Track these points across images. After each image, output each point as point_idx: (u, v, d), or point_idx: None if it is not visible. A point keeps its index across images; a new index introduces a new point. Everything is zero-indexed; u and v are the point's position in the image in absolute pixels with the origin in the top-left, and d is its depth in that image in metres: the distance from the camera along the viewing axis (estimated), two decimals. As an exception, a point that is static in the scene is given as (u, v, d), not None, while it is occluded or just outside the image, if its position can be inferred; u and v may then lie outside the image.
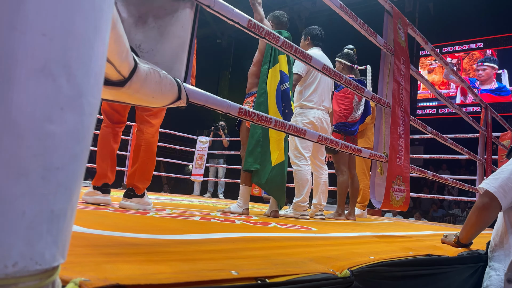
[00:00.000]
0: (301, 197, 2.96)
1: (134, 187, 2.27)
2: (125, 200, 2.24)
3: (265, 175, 2.61)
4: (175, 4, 1.17)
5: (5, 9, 0.35)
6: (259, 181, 2.63)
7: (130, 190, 2.27)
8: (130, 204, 2.22)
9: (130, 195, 2.25)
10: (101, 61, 0.45)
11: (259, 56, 2.82)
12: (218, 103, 1.23)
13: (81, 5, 0.40)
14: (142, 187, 2.29)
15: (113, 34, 0.72)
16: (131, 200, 2.23)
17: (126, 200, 2.24)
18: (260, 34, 1.37)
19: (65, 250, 0.41)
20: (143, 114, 2.33)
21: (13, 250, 0.35)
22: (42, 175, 0.37)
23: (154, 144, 2.36)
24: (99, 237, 1.01)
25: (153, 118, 2.35)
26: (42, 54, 0.37)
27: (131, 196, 2.25)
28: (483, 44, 10.50)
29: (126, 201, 2.23)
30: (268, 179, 2.60)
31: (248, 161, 2.64)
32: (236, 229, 1.57)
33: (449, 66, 3.17)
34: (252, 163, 2.62)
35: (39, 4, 0.37)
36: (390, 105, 2.11)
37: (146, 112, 2.32)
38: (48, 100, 0.38)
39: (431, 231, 2.80)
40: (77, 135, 0.41)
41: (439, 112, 10.63)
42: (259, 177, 2.62)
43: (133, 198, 2.25)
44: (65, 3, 0.39)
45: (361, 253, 1.15)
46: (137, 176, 2.28)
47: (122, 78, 0.89)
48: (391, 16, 2.21)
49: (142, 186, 2.29)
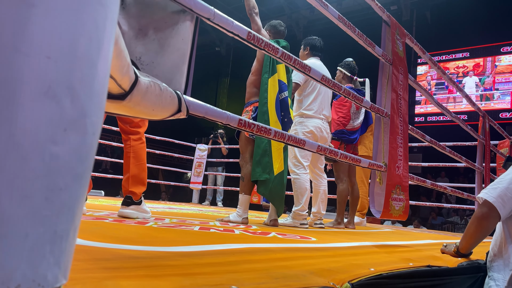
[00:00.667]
0: (300, 205, 2.96)
1: (131, 194, 2.31)
2: (123, 208, 2.27)
3: (269, 184, 2.62)
4: (176, 16, 1.18)
5: (10, 32, 0.36)
6: (265, 191, 2.64)
7: (128, 198, 2.30)
8: (129, 211, 2.25)
9: (128, 202, 2.29)
10: (104, 79, 0.46)
11: (257, 65, 2.83)
12: (218, 115, 1.23)
13: (85, 27, 0.41)
14: (138, 192, 2.32)
15: (115, 50, 0.72)
16: (129, 208, 2.27)
17: (125, 208, 2.27)
18: (259, 45, 1.38)
19: (67, 270, 0.41)
20: (126, 125, 2.39)
21: (16, 272, 0.35)
22: (45, 196, 0.38)
23: (142, 150, 2.41)
24: (99, 249, 1.01)
25: (137, 127, 2.41)
26: (47, 76, 0.37)
27: (129, 203, 2.29)
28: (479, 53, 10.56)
29: (125, 209, 2.27)
30: (271, 188, 2.62)
31: (256, 171, 2.64)
32: (236, 240, 1.56)
33: (447, 75, 3.18)
34: (261, 173, 2.63)
35: (44, 26, 0.37)
36: (389, 115, 2.12)
37: (128, 124, 2.38)
38: (52, 121, 0.38)
39: (430, 240, 2.79)
40: (80, 155, 0.41)
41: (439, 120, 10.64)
42: (266, 187, 2.63)
43: (132, 206, 2.28)
44: (69, 25, 0.39)
45: (361, 264, 1.15)
46: (130, 182, 2.33)
47: (123, 91, 0.89)
48: (389, 27, 2.23)
49: (138, 191, 2.32)
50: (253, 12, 2.71)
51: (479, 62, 10.58)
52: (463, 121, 3.44)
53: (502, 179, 1.58)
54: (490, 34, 10.27)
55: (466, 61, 10.77)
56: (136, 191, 2.31)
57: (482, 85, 10.49)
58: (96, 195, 5.96)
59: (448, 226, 8.30)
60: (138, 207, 2.30)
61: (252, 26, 2.72)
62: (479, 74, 10.56)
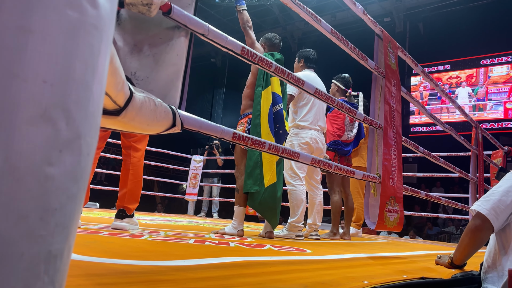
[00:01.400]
0: (296, 217, 2.96)
1: (125, 208, 2.40)
2: (117, 221, 2.36)
3: (258, 197, 2.61)
4: (170, 32, 1.20)
5: (7, 57, 0.37)
6: (253, 203, 2.63)
7: (122, 211, 2.39)
8: (123, 224, 2.34)
9: (122, 215, 2.38)
10: (98, 101, 0.47)
11: (252, 78, 2.86)
12: (213, 129, 1.25)
13: (80, 51, 0.42)
14: (132, 207, 2.43)
15: (110, 68, 0.74)
16: (123, 221, 2.37)
17: (119, 220, 2.37)
18: (253, 60, 1.40)
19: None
20: (129, 140, 2.45)
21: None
22: (40, 217, 0.38)
23: (140, 168, 2.50)
24: (93, 265, 1.01)
25: (139, 143, 2.47)
26: (43, 100, 0.38)
27: (123, 216, 2.38)
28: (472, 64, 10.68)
29: (119, 222, 2.36)
30: (260, 200, 2.61)
31: (247, 183, 2.65)
32: (231, 253, 1.56)
33: (439, 86, 3.22)
34: (252, 185, 2.63)
35: (41, 52, 0.38)
36: (382, 127, 2.14)
37: (131, 138, 2.45)
38: (47, 143, 0.39)
39: (425, 251, 2.80)
40: (75, 176, 0.42)
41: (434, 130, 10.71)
42: (254, 200, 2.62)
43: (125, 219, 2.38)
44: (65, 50, 0.40)
45: (355, 277, 1.15)
46: (127, 198, 2.42)
47: (118, 107, 0.90)
48: (382, 40, 2.26)
49: (132, 207, 2.43)
50: (246, 26, 2.74)
51: (472, 73, 10.70)
52: (455, 132, 3.47)
53: (494, 191, 1.59)
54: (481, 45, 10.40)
55: (458, 71, 10.88)
56: (131, 207, 2.41)
57: (475, 95, 10.59)
58: (91, 207, 5.93)
59: (444, 236, 8.30)
60: (131, 220, 2.41)
61: (246, 39, 2.75)
62: (472, 84, 10.67)
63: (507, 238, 1.55)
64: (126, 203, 2.39)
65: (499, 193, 1.56)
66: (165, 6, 1.07)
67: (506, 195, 1.54)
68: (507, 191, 1.56)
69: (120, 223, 2.34)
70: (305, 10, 1.75)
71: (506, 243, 1.55)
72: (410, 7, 11.30)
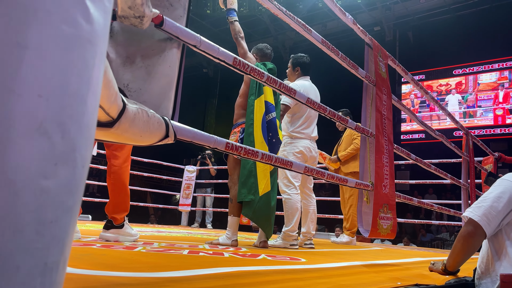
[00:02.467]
0: (290, 226, 2.96)
1: (112, 219, 2.38)
2: (104, 232, 2.37)
3: (253, 206, 2.61)
4: (163, 44, 1.21)
5: (4, 72, 0.37)
6: (249, 212, 2.63)
7: (109, 222, 2.39)
8: (109, 235, 2.34)
9: (108, 226, 2.37)
10: (93, 114, 0.48)
11: (245, 88, 2.87)
12: (205, 139, 1.25)
13: (75, 65, 0.43)
14: (119, 217, 2.39)
15: (103, 80, 0.74)
16: (109, 231, 2.35)
17: (105, 231, 2.37)
18: (245, 70, 1.41)
19: (57, 302, 0.42)
20: (109, 149, 2.43)
21: (7, 305, 0.36)
22: (36, 230, 0.39)
23: (124, 174, 2.43)
24: (87, 277, 1.00)
25: (119, 150, 2.43)
26: (38, 114, 0.39)
27: (109, 227, 2.37)
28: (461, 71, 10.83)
29: (105, 233, 2.36)
30: (255, 209, 2.60)
31: (242, 193, 2.65)
32: (225, 263, 1.56)
33: (429, 94, 3.26)
34: (246, 194, 2.63)
35: (36, 67, 0.39)
36: (374, 135, 2.16)
37: (111, 147, 2.42)
38: (43, 157, 0.39)
39: (419, 258, 2.81)
40: (70, 188, 0.42)
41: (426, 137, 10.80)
42: (249, 208, 2.62)
43: (112, 229, 2.36)
44: (60, 64, 0.41)
45: (349, 285, 1.16)
46: (111, 208, 2.39)
47: (111, 119, 0.91)
48: (371, 49, 2.30)
49: (119, 217, 2.39)
50: (238, 37, 2.76)
51: (461, 80, 10.84)
52: (446, 139, 3.51)
53: (486, 197, 1.61)
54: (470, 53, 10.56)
55: (448, 79, 11.02)
56: (117, 217, 2.38)
57: (465, 102, 10.72)
58: (83, 219, 5.88)
59: (438, 242, 8.33)
60: (119, 231, 2.37)
61: (238, 50, 2.77)
62: (462, 91, 10.80)
63: (499, 243, 1.56)
64: (112, 213, 2.36)
65: (491, 199, 1.58)
66: (157, 18, 1.08)
67: (498, 201, 1.56)
68: (498, 197, 1.58)
69: (106, 234, 2.34)
70: (296, 20, 1.77)
71: (499, 249, 1.56)
72: (399, 16, 11.46)
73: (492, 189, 1.63)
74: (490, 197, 1.59)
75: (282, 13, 1.70)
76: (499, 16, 10.10)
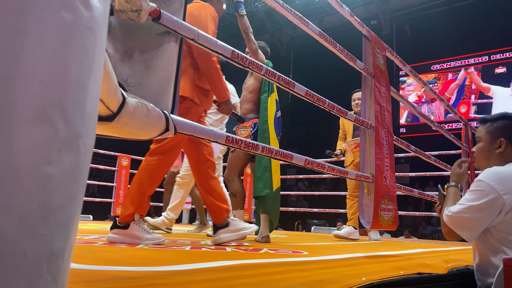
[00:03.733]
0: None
1: (119, 215, 2.08)
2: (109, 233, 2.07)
3: (269, 200, 2.65)
4: (161, 38, 1.21)
5: (4, 59, 0.37)
6: (264, 206, 2.66)
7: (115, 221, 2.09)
8: (111, 236, 2.04)
9: (112, 226, 2.07)
10: (94, 101, 0.48)
11: (256, 83, 2.87)
12: (206, 132, 1.25)
13: (75, 52, 0.43)
14: (125, 212, 2.05)
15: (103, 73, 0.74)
16: (112, 232, 2.05)
17: (109, 232, 2.07)
18: (243, 63, 1.41)
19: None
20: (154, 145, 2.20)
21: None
22: (41, 216, 0.39)
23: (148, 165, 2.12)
24: (91, 272, 1.00)
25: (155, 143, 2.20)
26: (41, 101, 0.39)
27: (112, 227, 2.07)
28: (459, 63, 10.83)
29: (109, 234, 2.06)
30: (270, 203, 2.66)
31: (257, 187, 2.67)
32: (228, 257, 1.56)
33: (428, 86, 3.26)
34: (263, 189, 2.65)
35: (37, 53, 0.39)
36: (373, 127, 2.16)
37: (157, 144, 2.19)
38: (46, 143, 0.39)
39: (421, 249, 2.82)
40: (74, 175, 0.43)
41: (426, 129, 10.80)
42: (264, 202, 2.66)
43: (114, 230, 2.05)
44: (61, 51, 0.41)
45: (353, 274, 1.16)
46: (123, 201, 2.13)
47: (111, 113, 0.91)
48: (369, 41, 2.29)
49: (126, 212, 2.05)
50: (249, 32, 2.69)
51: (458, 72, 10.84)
52: (446, 130, 3.51)
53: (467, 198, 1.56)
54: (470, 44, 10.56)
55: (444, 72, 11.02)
56: (125, 212, 2.05)
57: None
58: (84, 219, 5.88)
59: (439, 235, 8.35)
60: (123, 231, 2.03)
61: (250, 45, 2.69)
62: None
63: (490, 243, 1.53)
64: (122, 207, 2.10)
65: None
66: (155, 12, 1.08)
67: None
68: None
69: (109, 235, 2.04)
70: (293, 13, 1.77)
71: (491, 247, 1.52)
72: (396, 9, 11.45)
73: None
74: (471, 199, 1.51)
75: (279, 6, 1.69)
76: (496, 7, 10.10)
